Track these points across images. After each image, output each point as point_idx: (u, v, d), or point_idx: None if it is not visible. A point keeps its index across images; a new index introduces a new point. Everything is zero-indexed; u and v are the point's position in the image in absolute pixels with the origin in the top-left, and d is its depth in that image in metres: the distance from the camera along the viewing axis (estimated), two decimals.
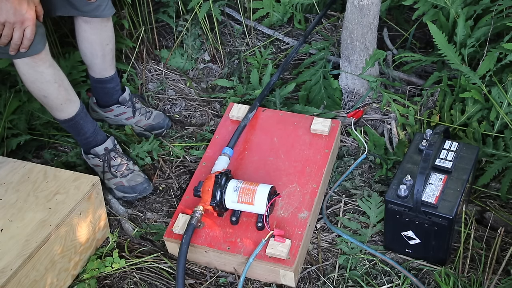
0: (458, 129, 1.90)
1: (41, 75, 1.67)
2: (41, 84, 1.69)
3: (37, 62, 1.64)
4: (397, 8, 2.44)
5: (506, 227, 1.67)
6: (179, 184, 2.00)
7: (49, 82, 1.70)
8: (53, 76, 1.70)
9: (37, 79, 1.68)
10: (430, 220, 1.51)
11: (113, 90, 2.08)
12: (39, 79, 1.68)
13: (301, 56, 2.42)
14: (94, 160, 1.94)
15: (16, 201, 1.64)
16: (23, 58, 1.61)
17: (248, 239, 1.63)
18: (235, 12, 2.59)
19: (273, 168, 1.83)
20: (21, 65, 1.64)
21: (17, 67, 1.66)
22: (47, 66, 1.67)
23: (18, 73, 1.68)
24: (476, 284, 1.55)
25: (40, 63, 1.65)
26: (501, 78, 1.85)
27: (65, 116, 1.82)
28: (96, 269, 1.70)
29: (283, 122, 1.97)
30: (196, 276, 1.69)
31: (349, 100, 2.16)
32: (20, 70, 1.66)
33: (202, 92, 2.35)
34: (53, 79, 1.70)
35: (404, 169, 1.62)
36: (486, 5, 1.97)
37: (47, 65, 1.67)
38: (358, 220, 1.78)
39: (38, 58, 1.63)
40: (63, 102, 1.77)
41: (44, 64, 1.66)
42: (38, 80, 1.68)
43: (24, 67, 1.65)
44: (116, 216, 1.89)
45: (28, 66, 1.64)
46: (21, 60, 1.62)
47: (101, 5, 1.82)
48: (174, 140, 2.14)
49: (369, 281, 1.62)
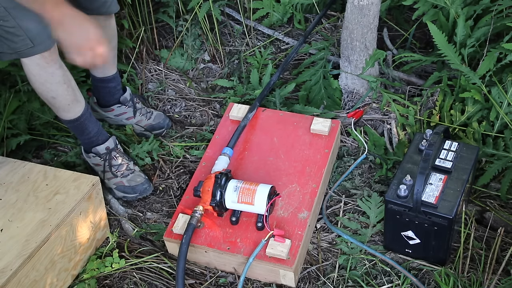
0: (458, 129, 1.90)
1: (52, 76, 1.67)
2: (51, 85, 1.69)
3: (49, 63, 1.63)
4: (397, 8, 2.44)
5: (506, 227, 1.67)
6: (179, 184, 2.00)
7: (59, 83, 1.70)
8: (63, 77, 1.70)
9: (47, 80, 1.68)
10: (430, 220, 1.51)
11: (114, 90, 2.08)
12: (50, 80, 1.68)
13: (301, 56, 2.42)
14: (94, 159, 1.94)
15: (16, 201, 1.64)
16: (35, 59, 1.60)
17: (248, 239, 1.63)
18: (235, 12, 2.59)
19: (273, 168, 1.83)
20: (32, 66, 1.64)
21: (28, 68, 1.65)
22: (58, 67, 1.67)
23: (28, 74, 1.67)
24: (476, 284, 1.55)
25: (52, 64, 1.65)
26: (501, 78, 1.85)
27: (71, 116, 1.81)
28: (96, 269, 1.70)
29: (283, 122, 1.97)
30: (196, 276, 1.69)
31: (349, 100, 2.16)
32: (31, 72, 1.65)
33: (202, 92, 2.35)
34: (63, 79, 1.70)
35: (404, 169, 1.62)
36: (486, 5, 1.97)
37: (58, 66, 1.67)
38: (358, 220, 1.78)
39: (50, 59, 1.63)
40: (70, 103, 1.77)
41: (55, 65, 1.66)
42: (48, 81, 1.68)
43: (36, 68, 1.64)
44: (116, 216, 1.89)
45: (39, 67, 1.64)
46: (33, 61, 1.62)
47: (107, 2, 1.82)
48: (174, 140, 2.14)
49: (369, 281, 1.62)
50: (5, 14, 1.51)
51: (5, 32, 1.55)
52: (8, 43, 1.57)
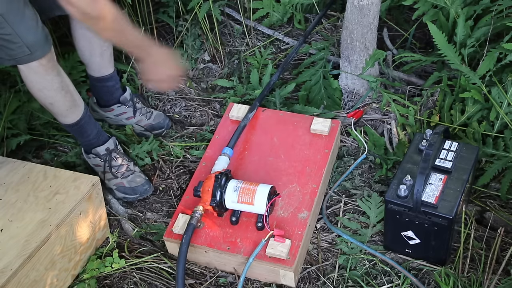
0: (458, 129, 1.90)
1: (50, 83, 1.67)
2: (49, 92, 1.69)
3: (47, 70, 1.63)
4: (397, 8, 2.44)
5: (506, 227, 1.67)
6: (179, 184, 2.00)
7: (57, 89, 1.69)
8: (61, 83, 1.69)
9: (45, 87, 1.67)
10: (430, 220, 1.51)
11: (113, 89, 2.07)
12: (47, 87, 1.67)
13: (301, 56, 2.42)
14: (95, 160, 1.94)
15: (16, 201, 1.64)
16: (33, 67, 1.60)
17: (248, 239, 1.63)
18: (235, 12, 2.59)
19: (273, 168, 1.83)
20: (30, 74, 1.63)
21: (25, 75, 1.64)
22: (56, 74, 1.66)
23: (25, 81, 1.66)
24: (476, 284, 1.54)
25: (50, 71, 1.64)
26: (501, 78, 1.85)
27: (70, 121, 1.81)
28: (96, 269, 1.70)
29: (283, 122, 1.97)
30: (196, 276, 1.69)
31: (349, 100, 2.16)
32: (28, 78, 1.65)
33: (202, 92, 2.35)
34: (61, 86, 1.70)
35: (404, 169, 1.62)
36: (486, 5, 1.97)
37: (55, 73, 1.66)
38: (358, 220, 1.78)
39: (48, 66, 1.62)
40: (68, 108, 1.77)
41: (53, 72, 1.65)
42: (46, 88, 1.68)
43: (34, 75, 1.63)
44: (116, 216, 1.89)
45: (37, 75, 1.63)
46: (31, 69, 1.61)
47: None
48: (174, 140, 2.14)
49: (369, 281, 1.62)
50: (1, 21, 1.50)
51: (1, 40, 1.54)
52: (5, 50, 1.56)
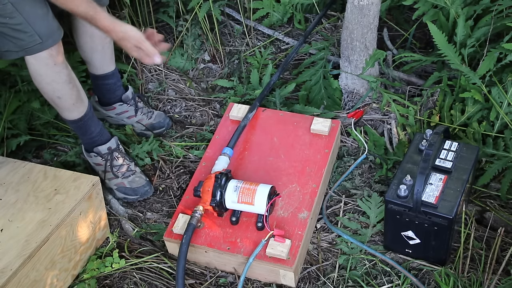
0: (458, 129, 1.90)
1: (59, 75, 1.68)
2: (58, 84, 1.70)
3: (56, 62, 1.64)
4: (397, 8, 2.44)
5: (506, 227, 1.67)
6: (179, 184, 2.00)
7: (65, 82, 1.71)
8: (68, 76, 1.71)
9: (54, 80, 1.68)
10: (430, 220, 1.51)
11: (114, 86, 2.08)
12: (56, 79, 1.68)
13: (301, 56, 2.42)
14: (96, 158, 1.93)
15: (16, 201, 1.64)
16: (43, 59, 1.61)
17: (248, 239, 1.63)
18: (235, 12, 2.59)
19: (273, 168, 1.83)
20: (39, 66, 1.64)
21: (34, 68, 1.65)
22: (64, 66, 1.68)
23: (34, 74, 1.67)
24: (476, 284, 1.55)
25: (59, 63, 1.65)
26: (501, 78, 1.85)
27: (75, 116, 1.82)
28: (96, 269, 1.71)
29: (283, 122, 1.97)
30: (196, 276, 1.69)
31: (349, 100, 2.16)
32: (37, 71, 1.66)
33: (202, 92, 2.35)
34: (69, 79, 1.71)
35: (404, 169, 1.62)
36: (486, 5, 1.97)
37: (64, 65, 1.68)
38: (358, 220, 1.78)
39: (57, 58, 1.63)
40: (75, 102, 1.78)
41: (62, 64, 1.67)
42: (55, 81, 1.69)
43: (43, 67, 1.64)
44: (116, 216, 1.89)
45: (47, 67, 1.64)
46: (41, 61, 1.62)
47: None
48: (174, 140, 2.14)
49: (369, 281, 1.62)
50: (12, 10, 1.50)
51: (11, 30, 1.54)
52: (14, 41, 1.56)
